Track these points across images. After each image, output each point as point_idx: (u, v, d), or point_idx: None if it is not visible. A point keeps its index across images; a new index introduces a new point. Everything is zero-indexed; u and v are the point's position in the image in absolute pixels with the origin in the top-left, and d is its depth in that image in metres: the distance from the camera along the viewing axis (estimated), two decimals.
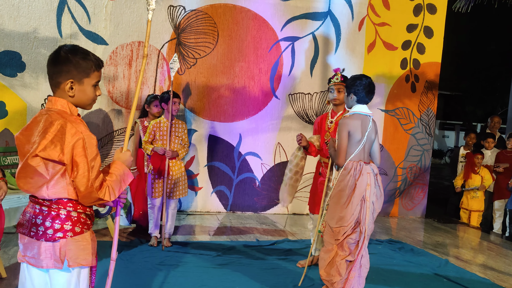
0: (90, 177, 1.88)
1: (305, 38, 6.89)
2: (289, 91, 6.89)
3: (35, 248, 1.91)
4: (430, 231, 6.54)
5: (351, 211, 3.34)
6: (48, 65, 2.02)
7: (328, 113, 4.34)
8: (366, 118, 3.45)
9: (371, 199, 3.39)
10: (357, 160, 3.40)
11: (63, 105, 1.97)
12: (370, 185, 3.38)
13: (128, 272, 4.04)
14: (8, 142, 5.78)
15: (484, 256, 5.48)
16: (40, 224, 1.90)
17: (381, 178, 3.53)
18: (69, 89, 1.97)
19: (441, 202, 8.71)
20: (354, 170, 3.36)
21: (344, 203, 3.36)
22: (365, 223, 3.36)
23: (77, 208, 1.95)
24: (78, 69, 1.97)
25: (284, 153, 6.92)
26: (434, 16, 7.37)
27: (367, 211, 3.37)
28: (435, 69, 7.48)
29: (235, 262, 4.49)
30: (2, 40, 5.76)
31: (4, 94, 5.75)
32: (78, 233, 1.95)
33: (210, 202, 6.77)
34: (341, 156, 3.42)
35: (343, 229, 3.36)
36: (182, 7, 6.42)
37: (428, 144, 7.58)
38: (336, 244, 3.43)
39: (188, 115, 6.56)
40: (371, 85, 3.46)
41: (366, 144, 3.44)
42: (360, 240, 3.37)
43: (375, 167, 3.50)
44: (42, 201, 1.92)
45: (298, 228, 6.17)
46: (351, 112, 3.49)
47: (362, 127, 3.41)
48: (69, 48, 1.99)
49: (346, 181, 3.36)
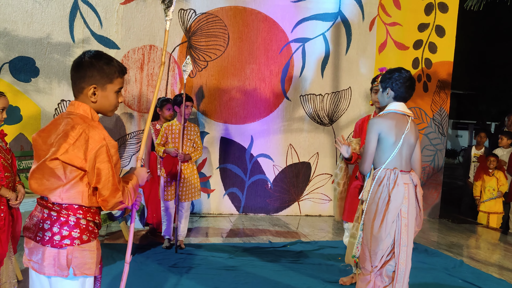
0: (115, 181, 1.89)
1: (315, 39, 6.88)
2: (300, 92, 6.88)
3: (39, 253, 1.89)
4: (444, 232, 6.48)
5: (386, 230, 2.81)
6: (71, 70, 2.00)
7: (370, 116, 4.06)
8: (403, 118, 2.95)
9: (410, 215, 2.88)
10: (391, 167, 2.89)
11: (85, 110, 1.96)
12: (408, 198, 2.87)
13: (142, 274, 4.07)
14: (23, 147, 5.86)
15: (500, 256, 5.41)
16: (48, 229, 1.88)
17: (421, 191, 3.00)
18: (92, 95, 1.96)
19: (455, 202, 8.63)
20: (387, 180, 2.85)
21: (377, 220, 2.83)
22: (400, 244, 2.84)
23: (87, 215, 1.93)
24: (101, 74, 1.96)
25: (296, 154, 6.91)
26: (446, 14, 7.31)
27: (404, 230, 2.85)
28: (447, 68, 7.41)
29: (247, 264, 4.50)
30: (16, 46, 5.84)
31: (18, 99, 5.83)
32: (85, 242, 1.92)
33: (223, 204, 6.78)
34: (367, 162, 2.93)
35: (380, 253, 2.84)
36: (192, 10, 6.46)
37: (441, 144, 7.52)
38: (374, 272, 2.91)
39: (200, 117, 6.58)
40: (412, 80, 2.97)
41: (404, 149, 2.92)
42: (396, 267, 2.85)
43: (416, 177, 2.98)
44: (52, 205, 1.90)
45: (311, 229, 6.15)
46: (385, 111, 3.00)
47: (397, 128, 2.89)
48: (93, 53, 1.98)
49: (379, 193, 2.86)
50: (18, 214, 3.29)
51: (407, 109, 2.97)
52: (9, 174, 3.15)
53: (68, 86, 5.99)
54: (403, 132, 2.89)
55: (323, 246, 5.24)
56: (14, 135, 5.78)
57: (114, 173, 1.90)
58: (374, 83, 3.93)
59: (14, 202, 3.14)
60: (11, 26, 5.82)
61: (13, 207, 3.17)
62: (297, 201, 6.99)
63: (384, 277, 2.90)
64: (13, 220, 3.22)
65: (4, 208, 3.10)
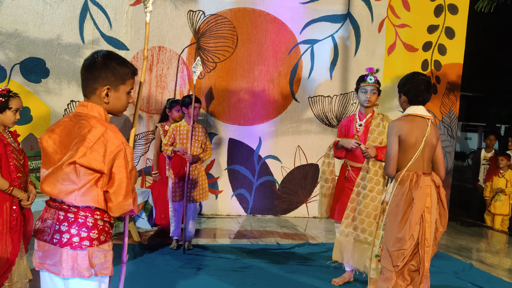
0: (128, 188, 1.86)
1: (324, 40, 6.87)
2: (309, 94, 6.88)
3: (57, 255, 1.85)
4: (453, 235, 6.44)
5: (409, 231, 2.86)
6: (83, 71, 1.95)
7: (355, 115, 4.09)
8: (423, 120, 2.97)
9: (433, 217, 2.92)
10: (414, 170, 2.94)
11: (100, 112, 1.92)
12: (431, 200, 2.91)
13: (150, 274, 4.08)
14: (32, 147, 5.91)
15: (510, 260, 5.36)
16: (65, 231, 1.84)
17: (445, 192, 3.06)
18: (105, 96, 1.93)
19: (464, 205, 8.56)
20: (410, 182, 2.90)
21: (400, 222, 2.87)
22: (424, 245, 2.89)
23: (104, 217, 1.91)
24: (115, 75, 1.93)
25: (304, 156, 6.90)
26: (456, 16, 7.27)
27: (427, 231, 2.89)
28: (457, 70, 7.36)
29: (255, 265, 4.50)
30: (27, 47, 5.90)
31: (29, 100, 5.88)
32: (103, 242, 1.91)
33: (231, 205, 6.79)
34: (391, 165, 2.96)
35: (402, 253, 2.88)
36: (201, 12, 6.48)
37: (450, 146, 7.47)
38: (395, 271, 2.92)
39: (208, 118, 6.60)
40: (424, 82, 2.99)
41: (426, 151, 2.96)
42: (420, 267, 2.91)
43: (438, 179, 3.02)
44: (68, 207, 1.87)
45: (319, 231, 6.14)
46: (404, 114, 3.05)
47: (417, 130, 2.94)
48: (105, 53, 1.95)
49: (402, 195, 2.90)
50: (30, 214, 3.32)
51: (426, 112, 3.00)
52: (21, 175, 3.18)
53: (78, 87, 6.03)
54: (424, 134, 2.94)
55: (331, 248, 5.16)
56: (24, 135, 5.83)
57: (129, 179, 1.86)
58: (363, 82, 3.95)
59: (26, 203, 3.17)
60: (22, 28, 5.87)
61: (24, 207, 3.20)
62: (305, 203, 6.98)
63: (406, 276, 2.93)
64: (25, 220, 3.25)
65: (16, 208, 3.13)
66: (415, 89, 2.98)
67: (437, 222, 2.98)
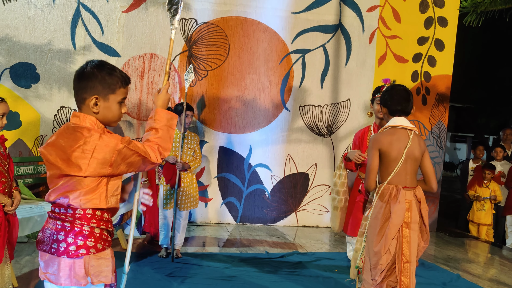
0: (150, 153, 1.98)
1: (315, 50, 6.92)
2: (300, 103, 6.91)
3: (55, 264, 1.88)
4: (441, 245, 6.47)
5: (385, 246, 2.81)
6: (74, 80, 1.97)
7: (370, 127, 4.02)
8: (404, 132, 2.93)
9: (413, 233, 2.86)
10: (395, 183, 2.89)
11: (91, 122, 1.93)
12: (411, 215, 2.87)
13: (138, 283, 4.05)
14: (21, 152, 5.86)
15: (496, 271, 5.40)
16: (62, 240, 1.87)
17: (427, 208, 3.03)
18: (94, 105, 1.93)
19: (453, 216, 8.62)
20: (389, 196, 2.85)
21: (377, 235, 2.84)
22: (402, 261, 2.83)
23: (100, 224, 1.93)
24: (103, 84, 1.93)
25: (294, 165, 6.92)
26: (445, 29, 7.36)
27: (405, 246, 2.84)
28: (446, 82, 7.45)
29: (244, 274, 4.49)
30: (18, 52, 5.87)
31: (18, 105, 5.84)
32: (101, 250, 1.93)
33: (220, 213, 6.78)
34: (370, 178, 2.94)
35: (380, 268, 2.82)
36: (194, 19, 6.50)
37: (439, 157, 7.53)
38: (373, 285, 2.88)
39: (199, 126, 6.60)
40: (402, 92, 2.98)
41: (408, 164, 2.91)
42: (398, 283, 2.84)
43: (420, 193, 2.99)
44: (65, 216, 1.89)
45: (307, 240, 6.14)
46: (385, 126, 3.03)
47: (398, 143, 2.89)
48: (95, 63, 1.96)
49: (381, 209, 2.86)
50: (15, 220, 3.29)
51: (408, 123, 2.96)
52: (5, 180, 3.15)
53: (68, 92, 6.01)
54: (405, 146, 2.88)
55: (320, 258, 5.23)
56: (13, 140, 5.78)
57: (144, 151, 1.96)
58: (378, 94, 3.88)
59: (10, 208, 3.14)
60: (12, 32, 5.84)
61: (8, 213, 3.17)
62: (294, 212, 6.99)
63: None
64: (9, 226, 3.22)
65: (0, 213, 3.09)
66: (394, 100, 2.97)
67: (418, 237, 2.92)
